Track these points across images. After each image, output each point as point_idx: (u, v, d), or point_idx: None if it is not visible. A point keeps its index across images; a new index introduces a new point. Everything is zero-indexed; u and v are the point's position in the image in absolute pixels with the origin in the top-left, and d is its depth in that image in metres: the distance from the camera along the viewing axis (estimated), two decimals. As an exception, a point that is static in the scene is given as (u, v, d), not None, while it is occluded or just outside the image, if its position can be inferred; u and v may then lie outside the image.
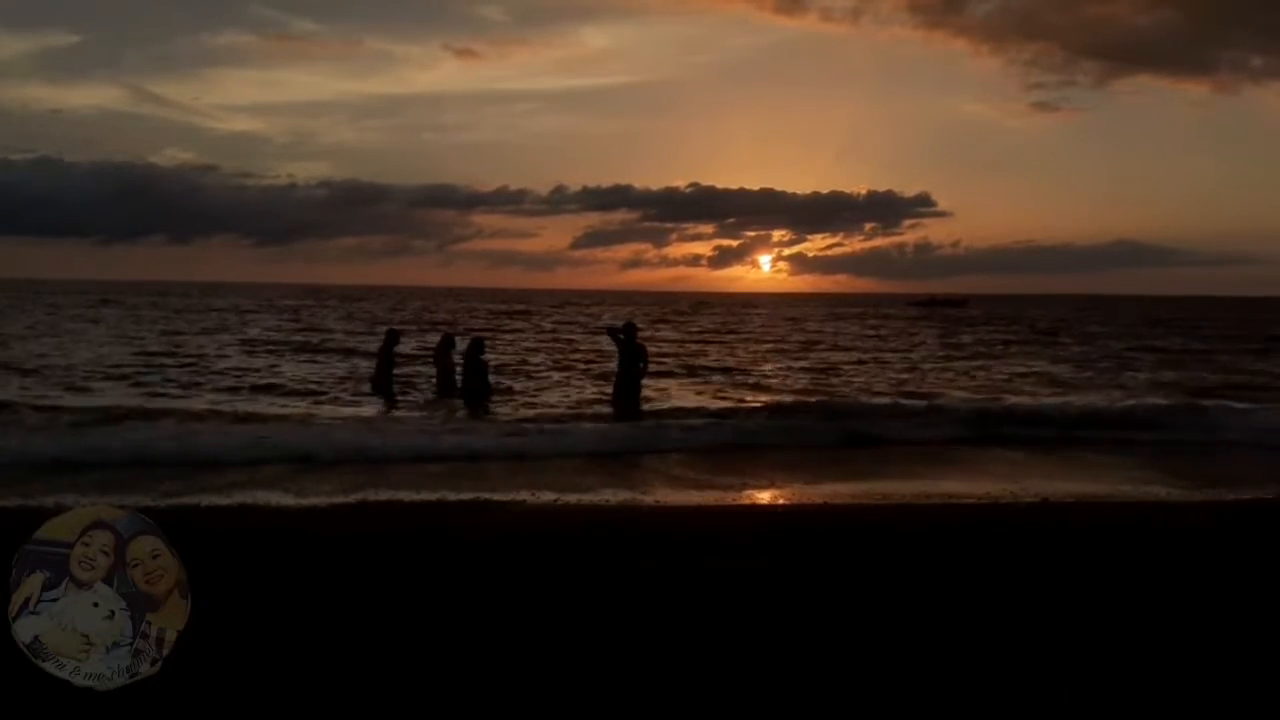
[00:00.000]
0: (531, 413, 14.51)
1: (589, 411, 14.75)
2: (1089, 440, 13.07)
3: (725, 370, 23.43)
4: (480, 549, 6.08)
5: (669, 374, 21.58)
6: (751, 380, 21.00)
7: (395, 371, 16.89)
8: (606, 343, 20.75)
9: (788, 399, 16.75)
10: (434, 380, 16.35)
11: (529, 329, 42.44)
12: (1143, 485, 9.81)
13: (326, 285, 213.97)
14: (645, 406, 14.88)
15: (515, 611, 4.65)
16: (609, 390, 16.01)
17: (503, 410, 14.80)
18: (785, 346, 34.11)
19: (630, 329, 14.60)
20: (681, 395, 17.63)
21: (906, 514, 7.92)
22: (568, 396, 17.06)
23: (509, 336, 36.05)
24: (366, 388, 16.98)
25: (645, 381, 15.16)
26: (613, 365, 16.18)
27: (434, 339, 19.46)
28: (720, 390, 18.79)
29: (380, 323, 40.51)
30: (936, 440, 12.89)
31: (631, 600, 4.87)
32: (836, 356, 29.17)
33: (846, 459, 11.61)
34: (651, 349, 16.79)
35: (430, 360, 17.68)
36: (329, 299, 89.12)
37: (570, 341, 33.90)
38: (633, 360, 14.52)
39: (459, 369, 15.68)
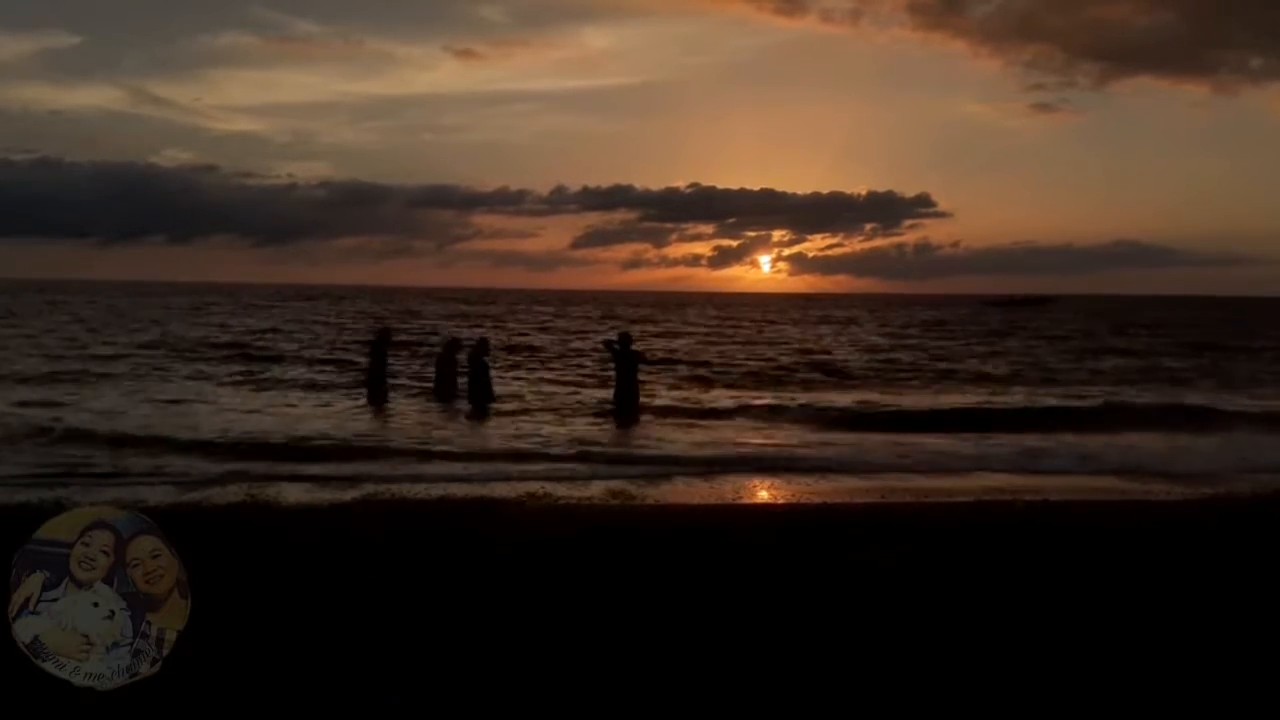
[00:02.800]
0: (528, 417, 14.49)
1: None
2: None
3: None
4: (482, 548, 6.07)
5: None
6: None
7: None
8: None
9: None
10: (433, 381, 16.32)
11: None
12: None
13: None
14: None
15: (517, 610, 4.65)
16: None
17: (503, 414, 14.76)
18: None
19: (626, 339, 15.19)
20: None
21: (928, 511, 7.92)
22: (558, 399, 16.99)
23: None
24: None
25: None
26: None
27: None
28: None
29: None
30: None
31: (627, 596, 4.88)
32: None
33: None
34: None
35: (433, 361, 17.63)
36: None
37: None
38: (629, 368, 14.89)
39: (462, 371, 15.66)
